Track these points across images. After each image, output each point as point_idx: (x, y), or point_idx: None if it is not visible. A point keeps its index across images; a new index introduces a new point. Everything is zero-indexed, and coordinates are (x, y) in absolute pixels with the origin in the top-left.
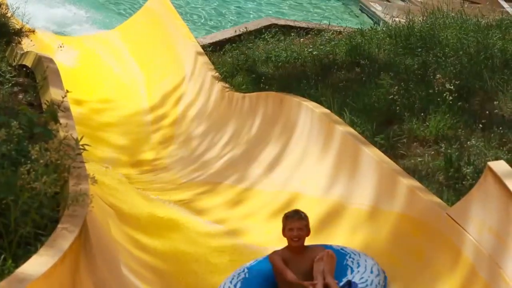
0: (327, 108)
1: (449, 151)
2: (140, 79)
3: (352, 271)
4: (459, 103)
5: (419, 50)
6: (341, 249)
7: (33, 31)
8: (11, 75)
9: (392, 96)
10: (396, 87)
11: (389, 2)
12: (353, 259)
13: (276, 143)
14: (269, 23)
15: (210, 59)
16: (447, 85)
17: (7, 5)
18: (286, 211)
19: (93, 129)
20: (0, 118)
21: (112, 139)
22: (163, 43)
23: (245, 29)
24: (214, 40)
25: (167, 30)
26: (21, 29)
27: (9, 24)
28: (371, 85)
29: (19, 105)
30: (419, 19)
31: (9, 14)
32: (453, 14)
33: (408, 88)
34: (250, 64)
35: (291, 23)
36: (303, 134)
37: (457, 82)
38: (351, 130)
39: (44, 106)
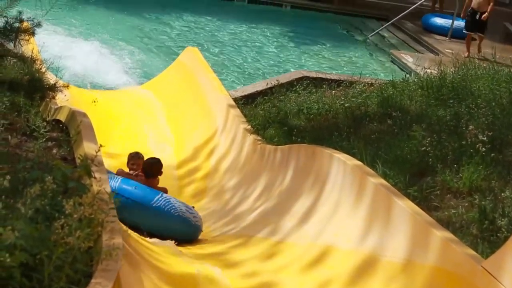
0: (359, 160)
1: (483, 203)
2: (170, 134)
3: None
4: (492, 154)
5: (451, 101)
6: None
7: (67, 86)
8: (45, 130)
9: (424, 147)
10: (429, 139)
11: (420, 53)
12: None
13: (308, 196)
14: (301, 75)
15: (242, 111)
16: (480, 136)
17: (41, 60)
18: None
19: None
20: (34, 173)
21: None
22: (195, 96)
23: (276, 82)
24: (246, 93)
25: (199, 83)
26: (55, 84)
27: (43, 79)
28: (403, 137)
29: (53, 159)
30: (451, 70)
31: (43, 69)
32: (484, 65)
33: (440, 140)
34: (282, 117)
35: (322, 75)
36: (335, 186)
37: (490, 133)
38: (384, 182)
39: (78, 161)
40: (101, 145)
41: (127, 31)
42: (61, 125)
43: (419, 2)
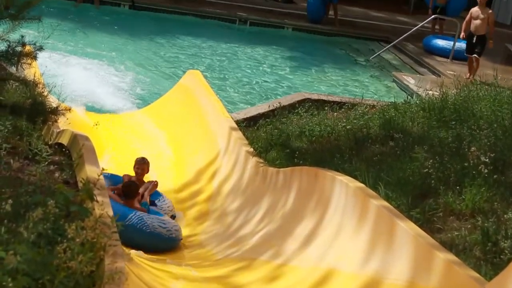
0: (362, 182)
1: (486, 224)
2: (171, 157)
3: (159, 199)
4: (494, 176)
5: (453, 122)
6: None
7: (69, 109)
8: (47, 153)
9: (426, 169)
10: (431, 161)
11: (422, 75)
12: (162, 197)
13: (310, 218)
14: (303, 97)
15: (244, 134)
16: (482, 158)
17: (44, 84)
18: None
19: None
20: (36, 197)
21: None
22: (197, 119)
23: (278, 104)
24: (248, 116)
25: (201, 106)
26: (57, 107)
27: (45, 103)
28: (406, 159)
29: (55, 183)
30: (453, 91)
31: (45, 93)
32: (486, 86)
33: (442, 161)
34: (284, 139)
35: (324, 98)
36: (338, 209)
37: (492, 155)
38: (386, 204)
39: (80, 184)
40: (103, 169)
41: (128, 54)
42: (63, 149)
43: (420, 24)
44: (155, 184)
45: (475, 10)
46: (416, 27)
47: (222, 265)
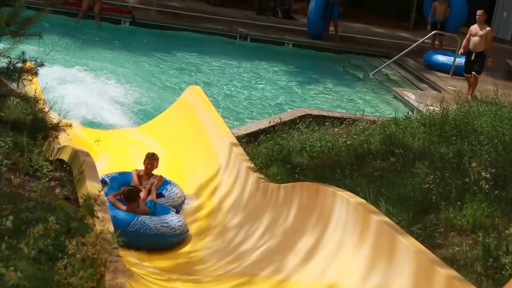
0: (363, 197)
1: (487, 240)
2: (170, 173)
3: (166, 189)
4: (495, 192)
5: (454, 138)
6: (169, 180)
7: (70, 125)
8: (48, 169)
9: (427, 185)
10: (432, 176)
11: (423, 90)
12: (170, 185)
13: (311, 234)
14: (303, 113)
15: (245, 150)
16: (483, 173)
17: (44, 101)
18: None
19: None
20: (37, 213)
21: None
22: (198, 134)
23: (279, 120)
24: (248, 131)
25: (202, 121)
26: (58, 123)
27: (46, 119)
28: (406, 174)
29: (56, 199)
30: (453, 107)
31: (46, 109)
32: (487, 102)
33: (443, 177)
34: (285, 155)
35: (325, 113)
36: (339, 224)
37: (493, 170)
38: (387, 219)
39: (81, 200)
40: (104, 184)
41: (129, 70)
42: (64, 165)
43: (421, 40)
44: (159, 178)
45: (474, 27)
46: (416, 43)
47: (223, 280)
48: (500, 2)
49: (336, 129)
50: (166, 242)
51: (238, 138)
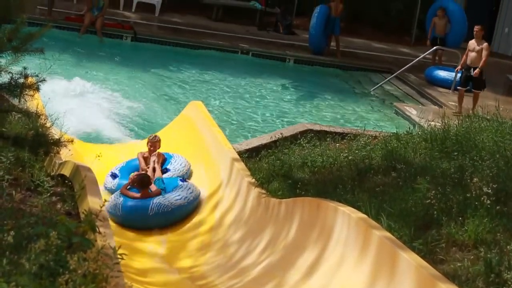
0: (364, 213)
1: (488, 255)
2: None
3: (170, 163)
4: (497, 207)
5: (455, 153)
6: (170, 154)
7: (72, 140)
8: (50, 185)
9: (429, 200)
10: (433, 191)
11: (424, 106)
12: (174, 158)
13: (313, 249)
14: (305, 128)
15: (246, 165)
16: (485, 189)
17: (46, 116)
18: None
19: (130, 239)
20: (38, 228)
21: (150, 249)
22: (199, 150)
23: (280, 135)
24: (250, 146)
25: (203, 136)
26: (59, 139)
27: (48, 134)
28: (408, 190)
29: (58, 215)
30: (454, 122)
31: (48, 124)
32: (488, 117)
33: (445, 192)
34: (286, 170)
35: (326, 128)
36: (340, 240)
37: (494, 186)
38: (389, 235)
39: (82, 216)
40: (105, 200)
41: (131, 85)
42: (65, 180)
43: (422, 56)
44: (158, 154)
45: (472, 42)
46: (417, 59)
47: None
48: (501, 18)
49: (337, 144)
50: (186, 211)
51: (240, 153)
